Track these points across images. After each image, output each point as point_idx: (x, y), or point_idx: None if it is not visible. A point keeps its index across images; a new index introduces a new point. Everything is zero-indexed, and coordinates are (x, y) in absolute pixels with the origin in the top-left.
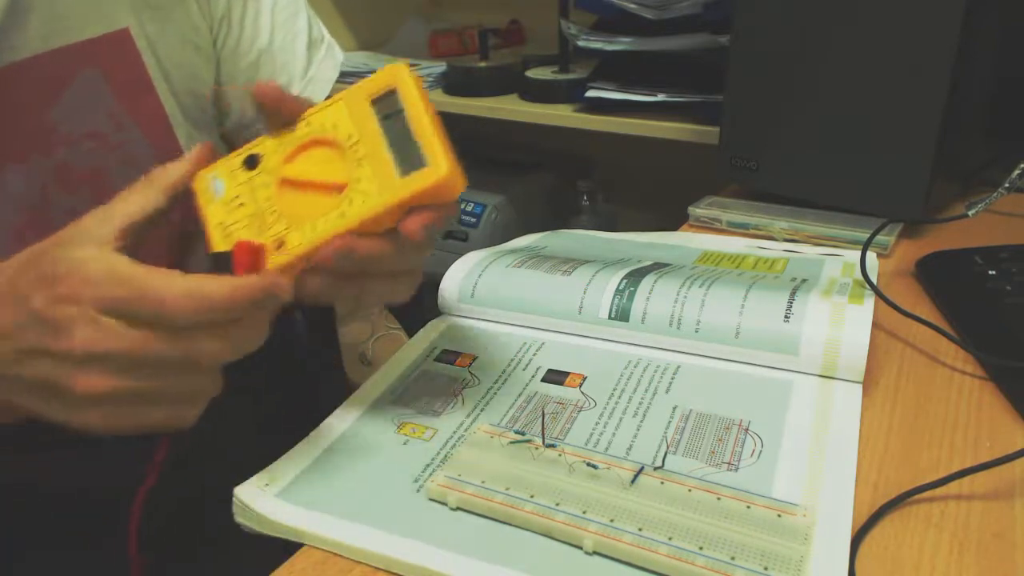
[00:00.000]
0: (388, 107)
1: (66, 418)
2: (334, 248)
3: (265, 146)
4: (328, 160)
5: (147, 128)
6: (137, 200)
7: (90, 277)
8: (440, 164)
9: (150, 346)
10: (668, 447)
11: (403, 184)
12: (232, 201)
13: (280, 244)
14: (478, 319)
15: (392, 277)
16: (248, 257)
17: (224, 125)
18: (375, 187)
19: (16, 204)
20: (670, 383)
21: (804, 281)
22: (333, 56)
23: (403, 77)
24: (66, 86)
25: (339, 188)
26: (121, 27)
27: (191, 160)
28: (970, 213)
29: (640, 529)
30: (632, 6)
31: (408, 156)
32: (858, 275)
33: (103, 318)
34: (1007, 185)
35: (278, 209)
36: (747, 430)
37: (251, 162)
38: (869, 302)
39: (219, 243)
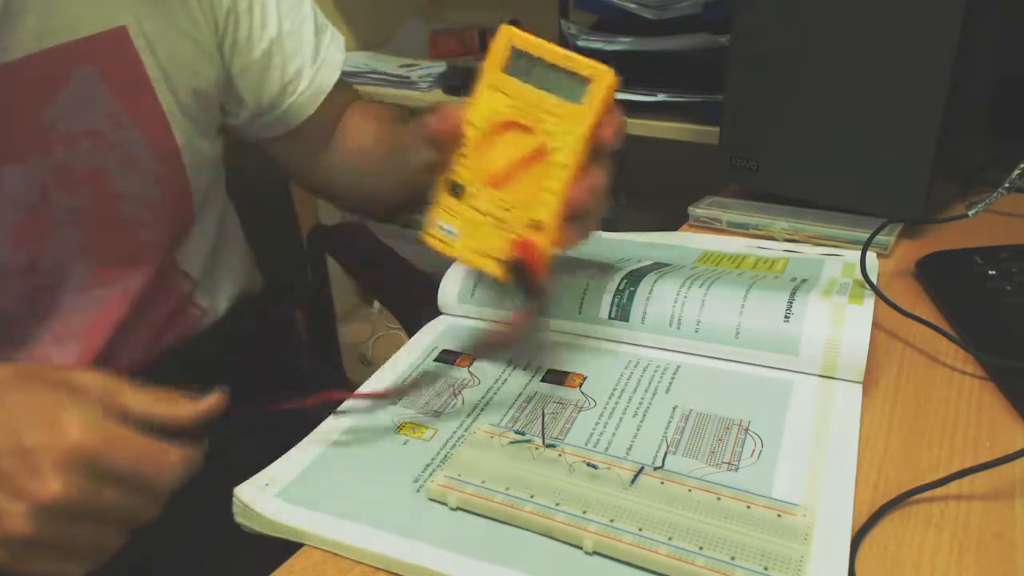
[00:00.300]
0: (520, 66)
1: None
2: (584, 187)
3: (454, 170)
4: (513, 138)
5: (145, 127)
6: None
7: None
8: (600, 68)
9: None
10: (668, 447)
11: (587, 104)
12: (470, 229)
13: (536, 225)
14: (478, 319)
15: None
16: (529, 250)
17: (239, 118)
18: (567, 126)
19: (15, 204)
20: (670, 383)
21: (804, 281)
22: (337, 39)
23: (511, 32)
24: (63, 85)
25: (540, 152)
26: (118, 25)
27: None
28: (970, 213)
29: (640, 529)
30: (632, 6)
31: (569, 86)
32: (858, 275)
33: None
34: (1007, 185)
35: (507, 204)
36: (747, 430)
37: (456, 190)
38: (869, 302)
39: (494, 265)
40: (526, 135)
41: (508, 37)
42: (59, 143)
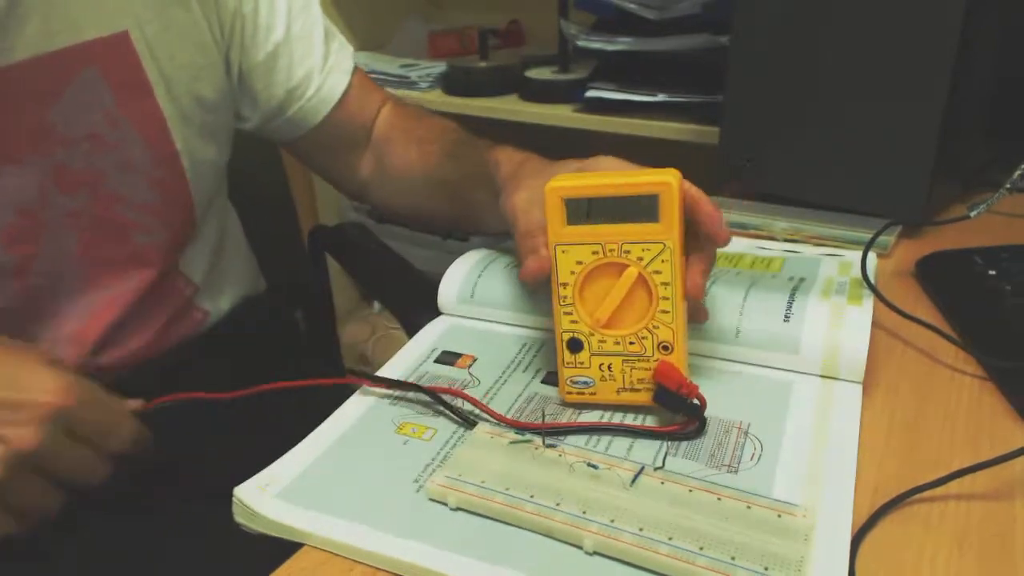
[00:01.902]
0: (581, 213)
1: None
2: (697, 279)
3: (566, 328)
4: (610, 278)
5: (144, 131)
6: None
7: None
8: (662, 180)
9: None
10: (668, 448)
11: (666, 217)
12: (604, 374)
13: (665, 346)
14: (478, 319)
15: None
16: (669, 373)
17: (251, 122)
18: (656, 246)
19: (14, 205)
20: None
21: (802, 280)
22: (346, 47)
23: (558, 188)
24: (65, 88)
25: (640, 280)
26: (120, 30)
27: None
28: (972, 214)
29: (640, 529)
30: (632, 6)
31: (639, 209)
32: (855, 273)
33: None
34: (1008, 185)
35: (629, 337)
36: (747, 433)
37: (576, 346)
38: (868, 302)
39: (641, 397)
40: (620, 271)
41: (558, 195)
42: (59, 145)
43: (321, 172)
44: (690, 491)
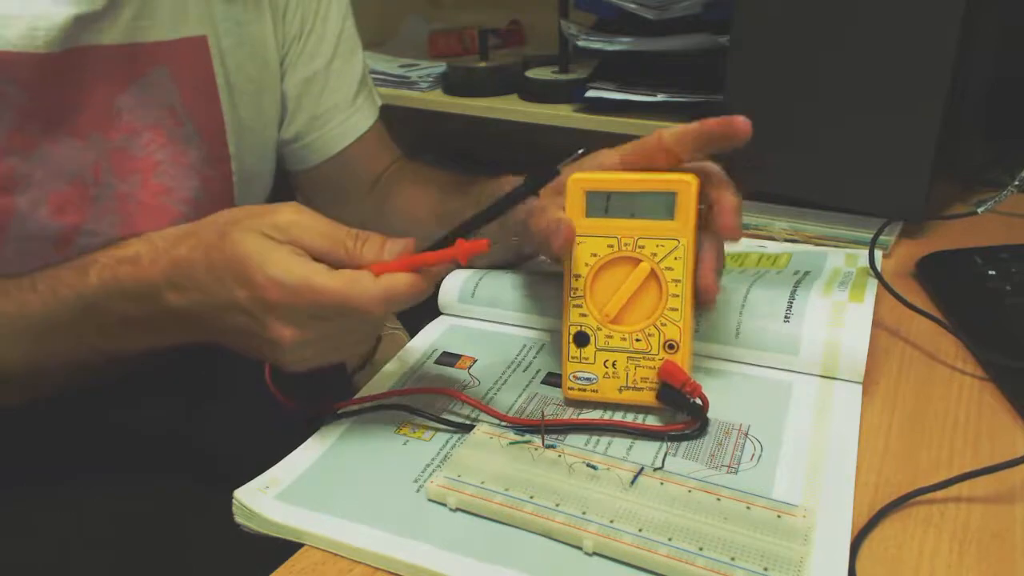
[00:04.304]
0: (600, 205)
1: (264, 357)
2: (708, 274)
3: (574, 321)
4: (621, 273)
5: (204, 132)
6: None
7: (288, 288)
8: (681, 179)
9: (345, 328)
10: (668, 449)
11: (682, 215)
12: (607, 371)
13: (671, 345)
14: (478, 319)
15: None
16: (674, 372)
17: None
18: (671, 243)
19: (68, 175)
20: None
21: (807, 274)
22: (377, 100)
23: (581, 179)
24: (138, 78)
25: (652, 276)
26: (200, 35)
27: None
28: (979, 210)
29: (640, 530)
30: (632, 6)
31: (656, 206)
32: (863, 263)
33: (305, 320)
34: (1017, 183)
35: (635, 334)
36: (747, 434)
37: (583, 340)
38: (870, 299)
39: (644, 396)
40: (633, 265)
41: (580, 186)
42: (122, 130)
43: (320, 210)
44: (690, 492)
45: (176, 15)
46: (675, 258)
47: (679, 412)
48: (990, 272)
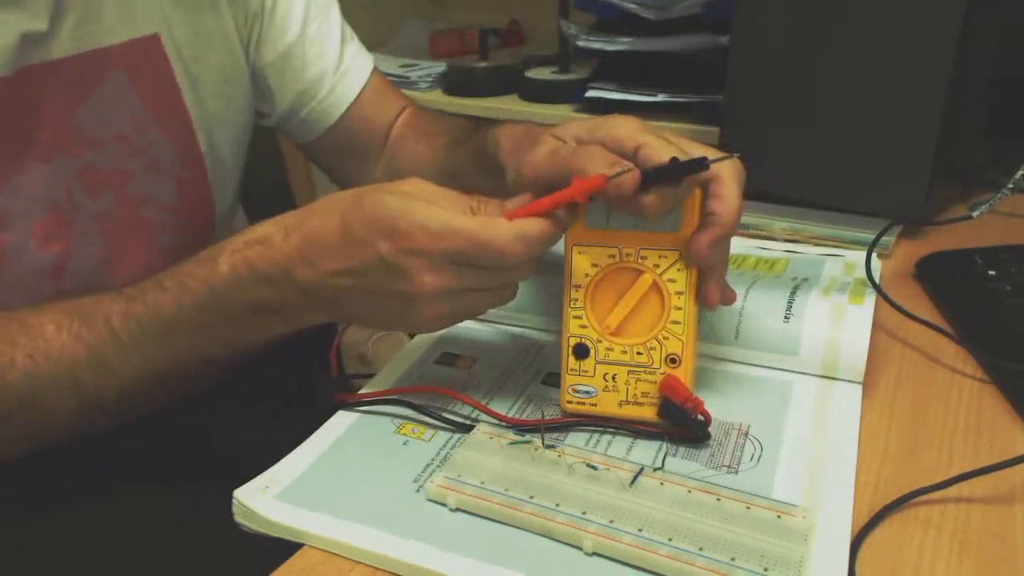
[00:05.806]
0: (600, 216)
1: (395, 322)
2: (719, 294)
3: (573, 333)
4: (622, 284)
5: (170, 132)
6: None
7: (432, 231)
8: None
9: (485, 277)
10: (668, 449)
11: (685, 225)
12: (607, 384)
13: (672, 358)
14: (478, 319)
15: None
16: (675, 387)
17: (270, 119)
18: (673, 254)
19: (42, 203)
20: None
21: (804, 280)
22: (363, 53)
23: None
24: (94, 88)
25: (654, 287)
26: (151, 33)
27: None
28: (974, 214)
29: (640, 530)
30: (632, 6)
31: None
32: (860, 274)
33: (446, 267)
34: (1011, 185)
35: (636, 347)
36: (747, 434)
37: (582, 352)
38: (869, 301)
39: (645, 411)
40: (635, 277)
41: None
42: (86, 146)
43: (335, 177)
44: (689, 492)
45: (123, 16)
46: (678, 270)
47: (681, 428)
48: (990, 272)
